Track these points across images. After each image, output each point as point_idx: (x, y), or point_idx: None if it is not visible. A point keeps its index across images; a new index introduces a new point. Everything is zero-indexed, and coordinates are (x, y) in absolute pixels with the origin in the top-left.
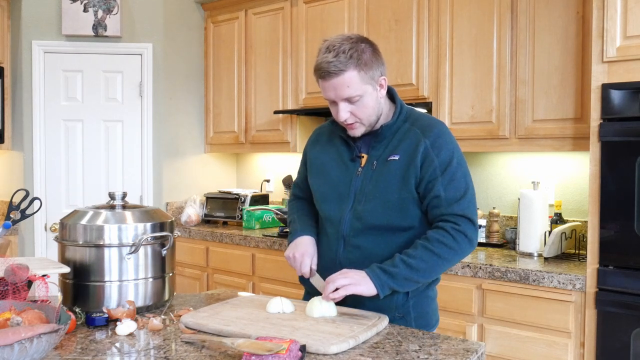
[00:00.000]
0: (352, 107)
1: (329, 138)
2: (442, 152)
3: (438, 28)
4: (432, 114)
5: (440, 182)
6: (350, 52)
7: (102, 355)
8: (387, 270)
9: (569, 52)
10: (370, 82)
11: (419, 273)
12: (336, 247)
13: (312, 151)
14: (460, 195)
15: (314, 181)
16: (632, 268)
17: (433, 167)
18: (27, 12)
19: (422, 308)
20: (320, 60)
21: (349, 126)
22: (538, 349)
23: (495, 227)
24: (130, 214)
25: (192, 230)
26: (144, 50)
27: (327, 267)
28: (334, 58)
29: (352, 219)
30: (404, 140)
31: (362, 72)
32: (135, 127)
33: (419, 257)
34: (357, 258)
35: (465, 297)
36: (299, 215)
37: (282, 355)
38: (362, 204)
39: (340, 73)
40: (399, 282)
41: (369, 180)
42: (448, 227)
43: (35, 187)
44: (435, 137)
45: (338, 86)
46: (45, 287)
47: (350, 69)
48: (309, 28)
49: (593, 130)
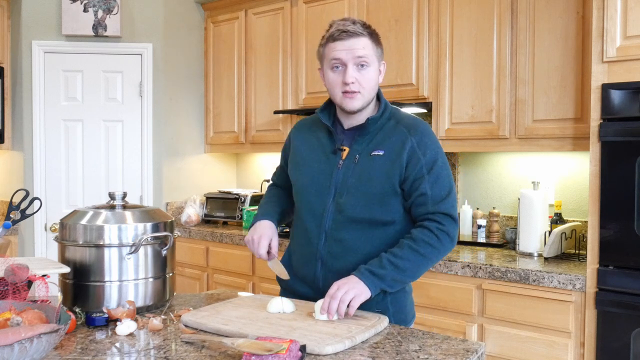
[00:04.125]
0: (359, 73)
1: (313, 129)
2: (428, 151)
3: (438, 28)
4: (432, 113)
5: (426, 180)
6: (366, 25)
7: (102, 355)
8: (377, 272)
9: (569, 52)
10: (378, 58)
11: (406, 273)
12: (317, 240)
13: (295, 141)
14: (445, 194)
15: (294, 172)
16: (632, 268)
17: (420, 165)
18: (27, 12)
19: (399, 303)
20: (337, 26)
21: (350, 95)
22: (538, 349)
23: (495, 227)
24: (130, 214)
25: (192, 230)
26: (144, 50)
27: (308, 261)
28: (352, 24)
29: (334, 212)
30: (389, 136)
31: (375, 45)
32: (135, 127)
33: (406, 258)
34: (339, 252)
35: (465, 297)
36: (266, 202)
37: (282, 355)
38: (343, 196)
39: (359, 35)
40: (388, 283)
41: (351, 174)
42: (433, 227)
43: (35, 187)
44: (421, 136)
45: (353, 46)
46: (45, 287)
47: (367, 36)
48: (309, 28)
49: (593, 130)
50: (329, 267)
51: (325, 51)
